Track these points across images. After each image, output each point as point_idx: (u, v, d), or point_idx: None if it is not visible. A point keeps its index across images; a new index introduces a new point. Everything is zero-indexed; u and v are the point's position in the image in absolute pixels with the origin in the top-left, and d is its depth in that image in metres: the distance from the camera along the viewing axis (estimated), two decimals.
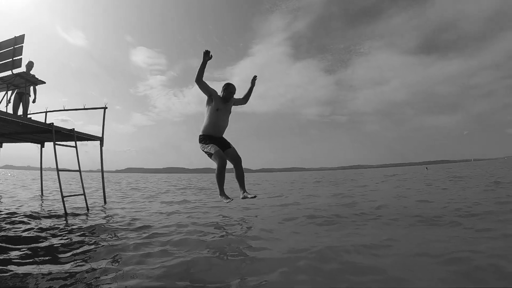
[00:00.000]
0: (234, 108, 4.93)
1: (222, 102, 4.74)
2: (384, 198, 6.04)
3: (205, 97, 4.68)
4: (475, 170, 21.95)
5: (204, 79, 4.13)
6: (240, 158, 4.65)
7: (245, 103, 5.08)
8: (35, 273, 1.87)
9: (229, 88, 4.75)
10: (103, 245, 2.57)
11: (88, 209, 4.88)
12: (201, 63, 4.55)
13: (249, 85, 5.05)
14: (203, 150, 4.69)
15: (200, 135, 4.79)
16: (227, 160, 4.44)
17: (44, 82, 6.27)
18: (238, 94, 4.92)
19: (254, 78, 5.02)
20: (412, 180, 13.06)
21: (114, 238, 2.87)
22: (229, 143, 4.76)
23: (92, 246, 2.56)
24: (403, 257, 2.08)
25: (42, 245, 2.54)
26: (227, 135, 4.95)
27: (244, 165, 4.82)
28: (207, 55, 4.55)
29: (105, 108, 5.98)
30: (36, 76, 6.55)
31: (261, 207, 5.14)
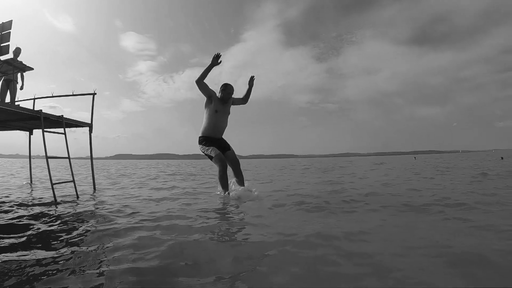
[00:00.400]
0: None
1: (221, 103, 4.79)
2: (373, 185, 6.16)
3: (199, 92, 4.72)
4: (463, 161, 22.45)
5: (193, 65, 4.13)
6: (238, 162, 4.72)
7: (244, 103, 5.14)
8: (26, 259, 1.88)
9: (227, 89, 4.79)
10: (93, 231, 2.59)
11: (77, 196, 4.86)
12: (208, 65, 4.56)
13: (247, 86, 5.11)
14: (203, 152, 4.75)
15: (200, 137, 4.84)
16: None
17: (32, 69, 6.14)
18: (237, 93, 5.01)
19: (252, 78, 5.06)
20: (401, 169, 13.31)
21: (104, 224, 2.88)
22: (228, 145, 4.83)
23: (83, 232, 2.57)
24: (390, 244, 2.14)
25: (33, 233, 2.54)
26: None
27: (235, 151, 4.88)
28: (216, 60, 4.57)
29: (94, 94, 5.91)
30: (24, 63, 6.41)
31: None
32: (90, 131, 5.94)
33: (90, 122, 5.89)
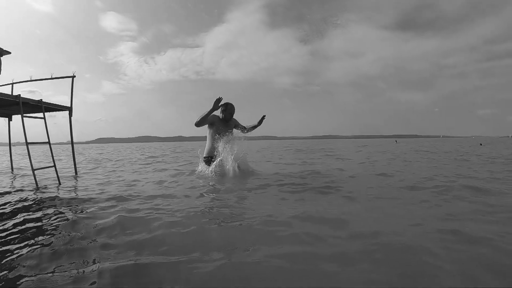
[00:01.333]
0: (206, 76, 5.02)
1: (222, 124, 4.99)
2: (355, 168, 6.32)
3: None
4: (444, 145, 23.14)
5: (176, 46, 4.19)
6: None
7: (244, 133, 5.30)
8: (10, 249, 1.88)
9: (227, 109, 4.99)
10: (74, 216, 2.60)
11: (59, 182, 4.81)
12: (209, 110, 4.72)
13: (256, 122, 5.32)
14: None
15: (204, 157, 5.17)
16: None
17: (9, 52, 5.89)
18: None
19: (263, 118, 5.27)
20: (383, 152, 13.62)
21: (87, 209, 2.89)
22: None
23: (66, 217, 2.57)
24: (374, 225, 2.22)
25: (16, 221, 2.52)
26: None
27: None
28: (217, 104, 4.71)
29: (73, 76, 5.75)
30: (1, 47, 6.13)
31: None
32: (70, 114, 5.81)
33: (70, 106, 5.76)
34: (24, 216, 2.62)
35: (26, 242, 1.94)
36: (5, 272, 1.52)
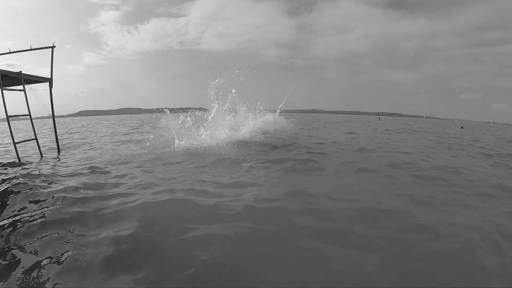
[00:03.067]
0: (191, 46, 5.12)
1: None
2: (339, 140, 6.70)
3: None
4: (426, 125, 23.71)
5: (159, 15, 4.15)
6: None
7: None
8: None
9: None
10: (58, 188, 2.73)
11: (41, 156, 4.86)
12: None
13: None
14: None
15: None
16: None
17: None
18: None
19: None
20: (364, 127, 13.95)
21: (67, 181, 3.02)
22: None
23: (50, 192, 2.66)
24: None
25: None
26: None
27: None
28: None
29: (53, 47, 5.60)
30: None
31: (214, 145, 5.39)
32: (51, 86, 5.70)
33: (50, 77, 5.66)
34: (6, 187, 2.72)
35: (10, 213, 2.08)
36: None
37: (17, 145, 4.54)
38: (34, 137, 5.06)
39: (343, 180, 3.30)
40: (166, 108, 5.90)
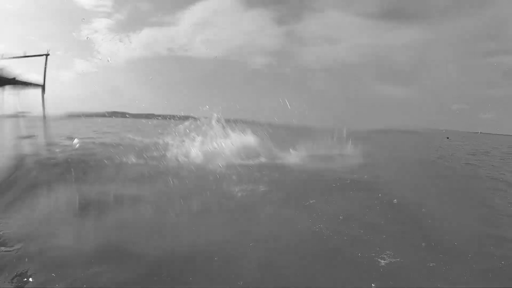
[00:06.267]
0: (178, 52, 5.16)
1: None
2: None
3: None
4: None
5: (152, 25, 4.32)
6: None
7: None
8: None
9: None
10: None
11: None
12: None
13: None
14: None
15: None
16: None
17: None
18: None
19: None
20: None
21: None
22: None
23: None
24: None
25: None
26: None
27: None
28: None
29: (47, 55, 5.91)
30: None
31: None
32: (43, 92, 6.12)
33: (43, 84, 6.07)
34: None
35: None
36: None
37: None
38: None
39: None
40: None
